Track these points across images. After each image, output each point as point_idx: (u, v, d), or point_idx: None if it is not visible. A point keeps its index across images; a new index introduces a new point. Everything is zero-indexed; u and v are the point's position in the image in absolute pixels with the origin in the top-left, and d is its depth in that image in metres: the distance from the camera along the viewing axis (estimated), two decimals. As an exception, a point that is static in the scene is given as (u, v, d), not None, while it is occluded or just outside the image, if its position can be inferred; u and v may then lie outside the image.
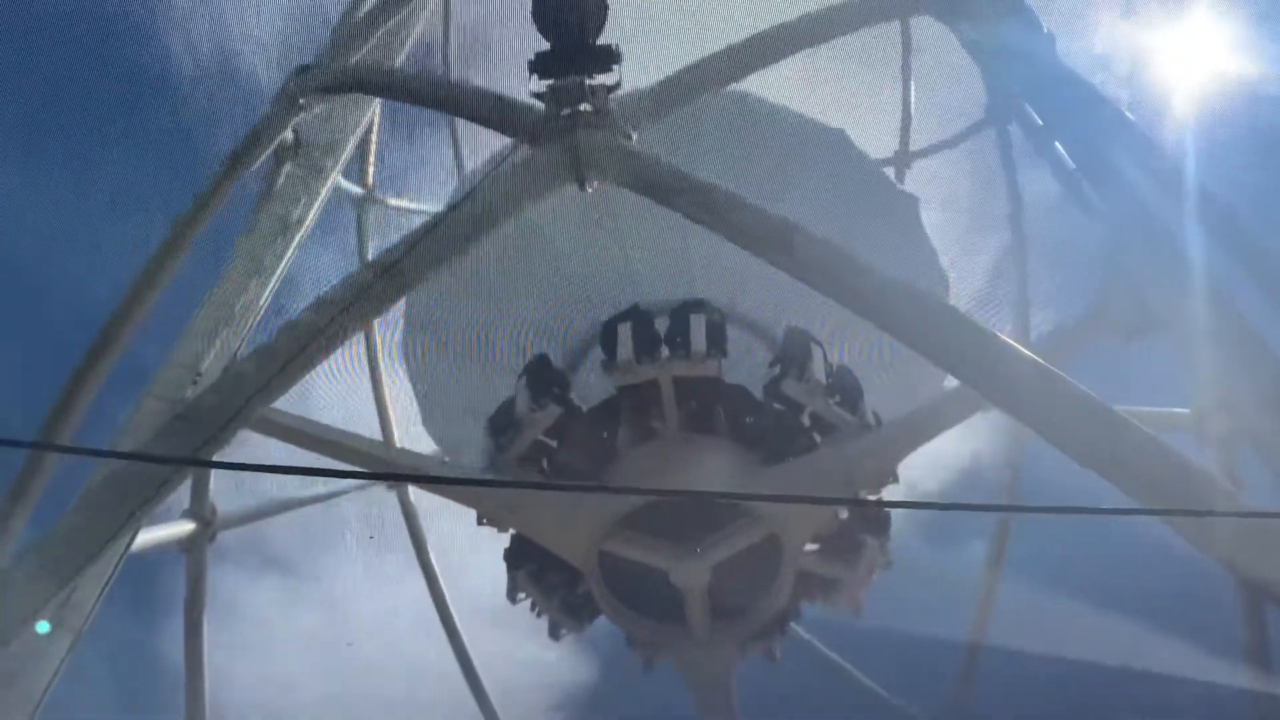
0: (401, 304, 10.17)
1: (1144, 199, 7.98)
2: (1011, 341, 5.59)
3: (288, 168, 9.55)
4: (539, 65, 7.07)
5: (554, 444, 8.56)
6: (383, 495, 12.56)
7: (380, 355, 12.47)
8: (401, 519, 12.69)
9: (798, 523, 8.02)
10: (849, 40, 9.39)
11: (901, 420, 8.18)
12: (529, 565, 8.86)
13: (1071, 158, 8.76)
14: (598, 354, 8.78)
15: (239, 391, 7.04)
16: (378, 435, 12.49)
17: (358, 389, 12.25)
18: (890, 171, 12.50)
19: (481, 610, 12.88)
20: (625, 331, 8.39)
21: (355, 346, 11.99)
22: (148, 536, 8.99)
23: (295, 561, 12.30)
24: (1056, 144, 8.91)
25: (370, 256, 11.81)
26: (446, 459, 10.64)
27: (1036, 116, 9.11)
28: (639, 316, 8.55)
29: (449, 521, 12.60)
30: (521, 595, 9.03)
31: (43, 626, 6.63)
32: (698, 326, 8.27)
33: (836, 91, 11.08)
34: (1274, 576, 4.41)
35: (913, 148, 13.04)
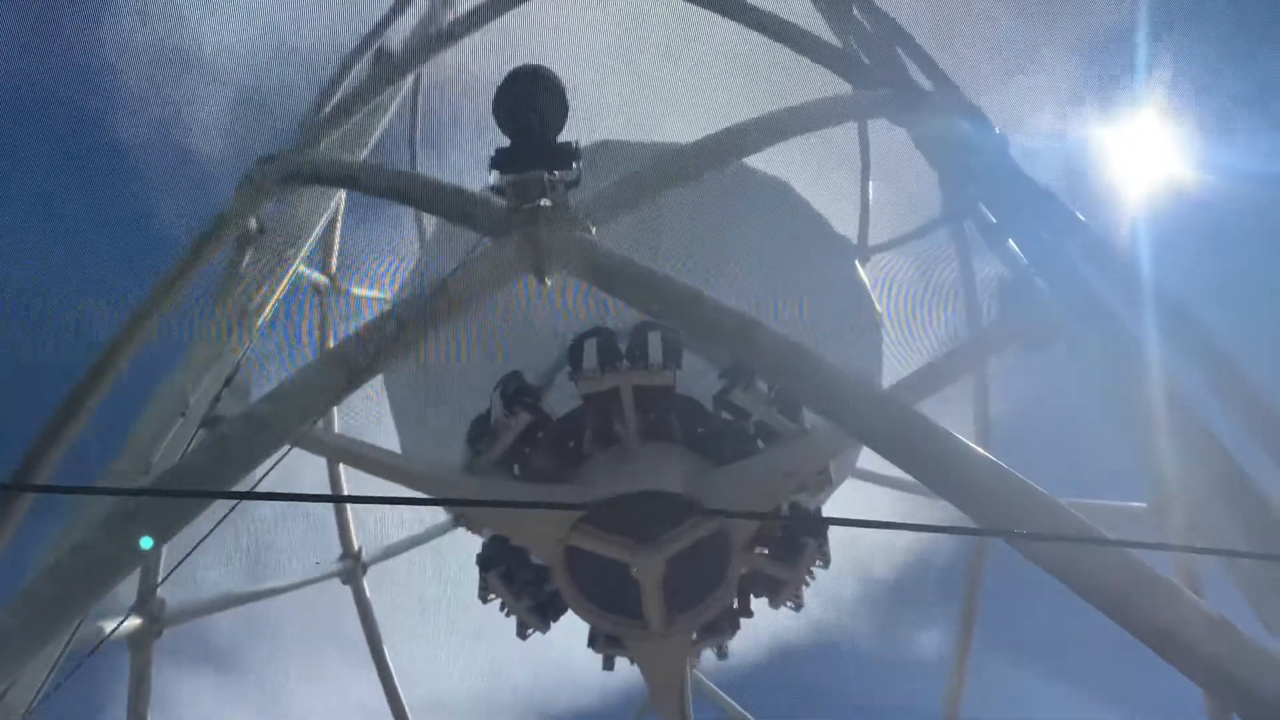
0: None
1: (1097, 295, 8.14)
2: (965, 440, 5.62)
3: (250, 255, 9.53)
4: (500, 161, 7.17)
5: (526, 449, 9.25)
6: (336, 589, 12.31)
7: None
8: (355, 612, 12.42)
9: (744, 519, 8.89)
10: (810, 138, 9.65)
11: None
12: (499, 567, 9.53)
13: (1025, 255, 8.95)
14: (565, 377, 9.39)
15: (191, 483, 6.88)
16: (334, 527, 12.33)
17: (315, 480, 12.08)
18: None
19: (435, 706, 12.59)
20: (591, 346, 9.08)
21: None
22: (91, 631, 8.71)
23: (245, 658, 11.98)
24: (1010, 241, 9.10)
25: (331, 345, 11.82)
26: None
27: (990, 215, 9.31)
28: (603, 334, 9.21)
29: (403, 615, 12.41)
30: (492, 596, 9.67)
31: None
32: (655, 342, 8.99)
33: (797, 187, 11.38)
34: (1237, 688, 4.38)
35: (871, 242, 13.31)
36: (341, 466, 12.27)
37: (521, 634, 9.88)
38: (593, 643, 9.98)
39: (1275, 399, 7.56)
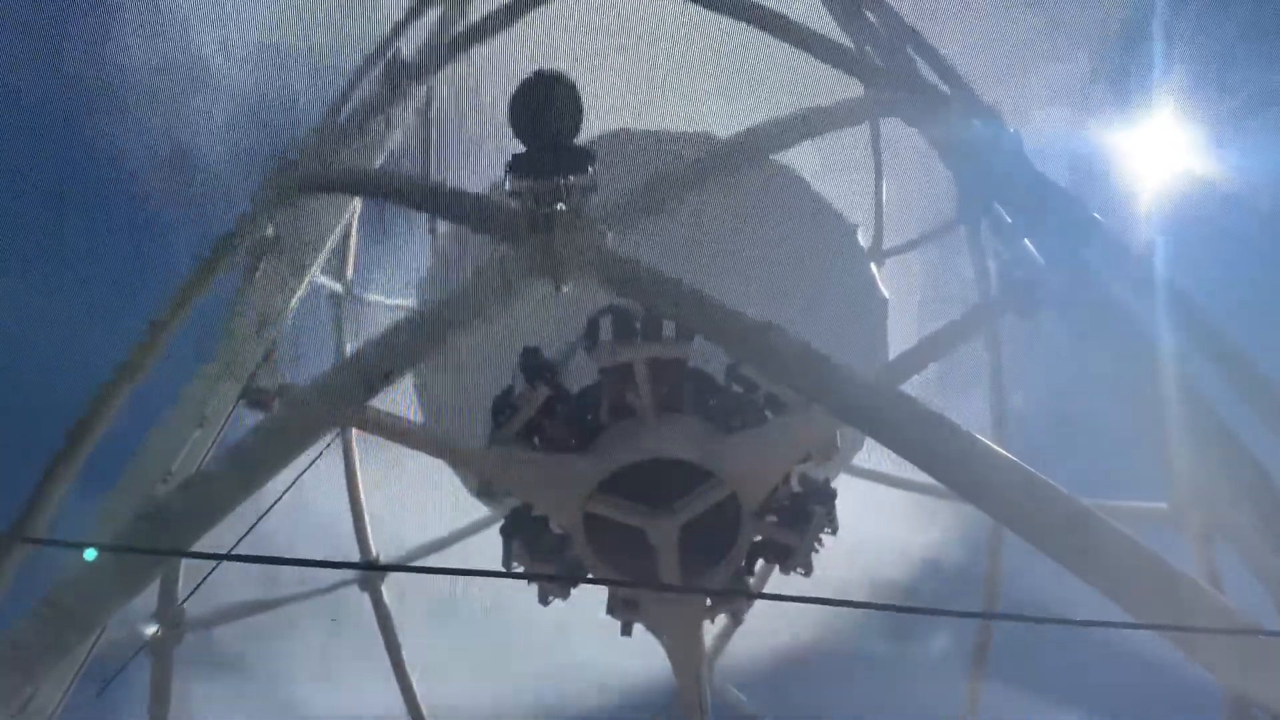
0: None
1: (1114, 295, 8.11)
2: (987, 441, 5.60)
3: (266, 264, 9.57)
4: (515, 167, 7.22)
5: (545, 421, 9.56)
6: (357, 596, 12.31)
7: (355, 451, 12.37)
8: (375, 621, 12.42)
9: (754, 484, 9.14)
10: (822, 140, 9.66)
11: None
12: (522, 535, 9.80)
13: (1041, 254, 8.92)
14: (583, 357, 9.69)
15: (209, 491, 6.93)
16: (351, 532, 12.35)
17: (332, 486, 12.12)
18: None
19: (455, 714, 12.60)
20: (606, 322, 9.35)
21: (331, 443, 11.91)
22: (112, 639, 8.75)
23: (264, 665, 12.00)
24: (1026, 241, 9.06)
25: (347, 353, 11.84)
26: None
27: (1006, 215, 9.28)
28: (618, 311, 9.40)
29: (423, 624, 12.41)
30: (515, 564, 9.92)
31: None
32: None
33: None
34: (1257, 690, 4.35)
35: (886, 245, 13.28)
36: (359, 474, 12.32)
37: (543, 600, 10.21)
38: (611, 610, 10.32)
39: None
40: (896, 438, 5.86)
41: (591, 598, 10.35)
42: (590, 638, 11.40)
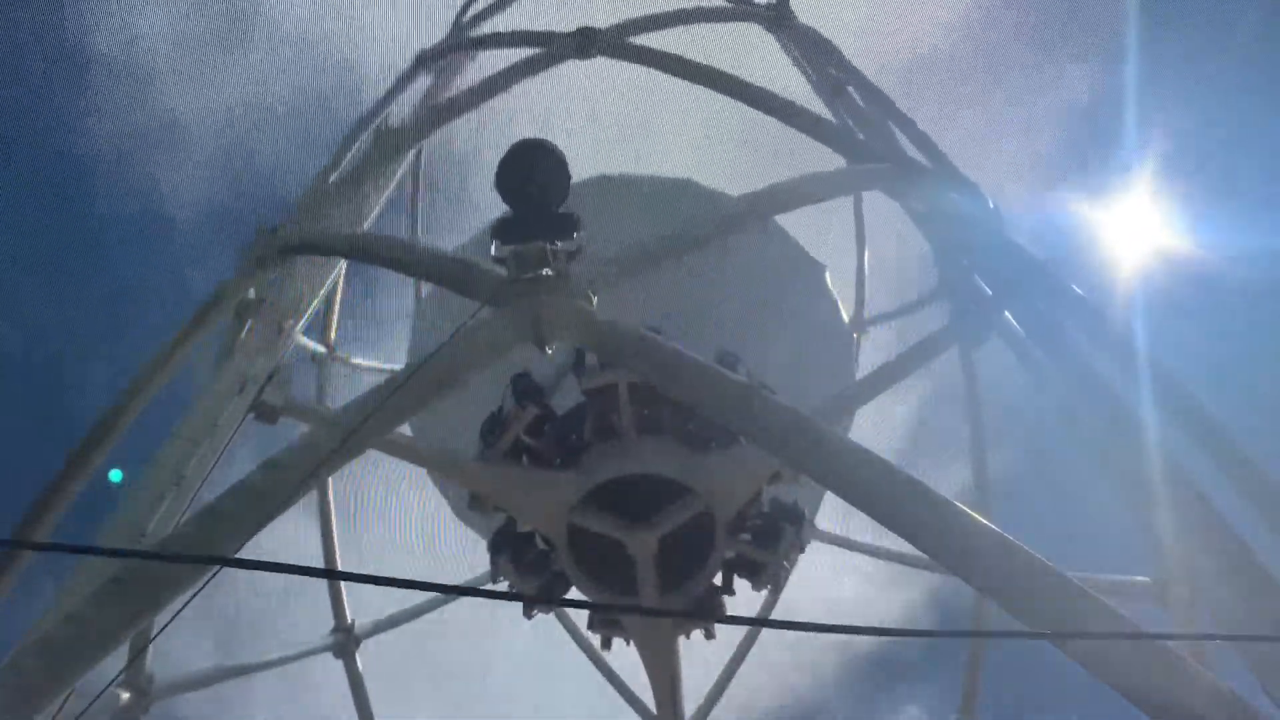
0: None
1: (1093, 366, 8.15)
2: (968, 510, 5.55)
3: (250, 326, 9.54)
4: (501, 231, 7.24)
5: (532, 441, 10.00)
6: (330, 664, 12.07)
7: (333, 515, 12.23)
8: (348, 688, 12.15)
9: (727, 500, 9.65)
10: (808, 211, 9.78)
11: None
12: (509, 551, 10.26)
13: (1021, 326, 8.99)
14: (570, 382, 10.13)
15: (184, 547, 6.79)
16: (325, 594, 12.16)
17: (308, 549, 11.98)
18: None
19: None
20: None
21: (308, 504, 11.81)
22: (76, 707, 8.50)
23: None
24: (1006, 313, 9.14)
25: (329, 413, 11.76)
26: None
27: (986, 287, 9.37)
28: None
29: (395, 690, 12.18)
30: (501, 578, 10.36)
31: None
32: None
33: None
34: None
35: (868, 315, 13.41)
36: (335, 536, 12.17)
37: (527, 614, 10.69)
38: (591, 623, 10.84)
39: (1275, 473, 7.54)
40: (878, 505, 5.82)
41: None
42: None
